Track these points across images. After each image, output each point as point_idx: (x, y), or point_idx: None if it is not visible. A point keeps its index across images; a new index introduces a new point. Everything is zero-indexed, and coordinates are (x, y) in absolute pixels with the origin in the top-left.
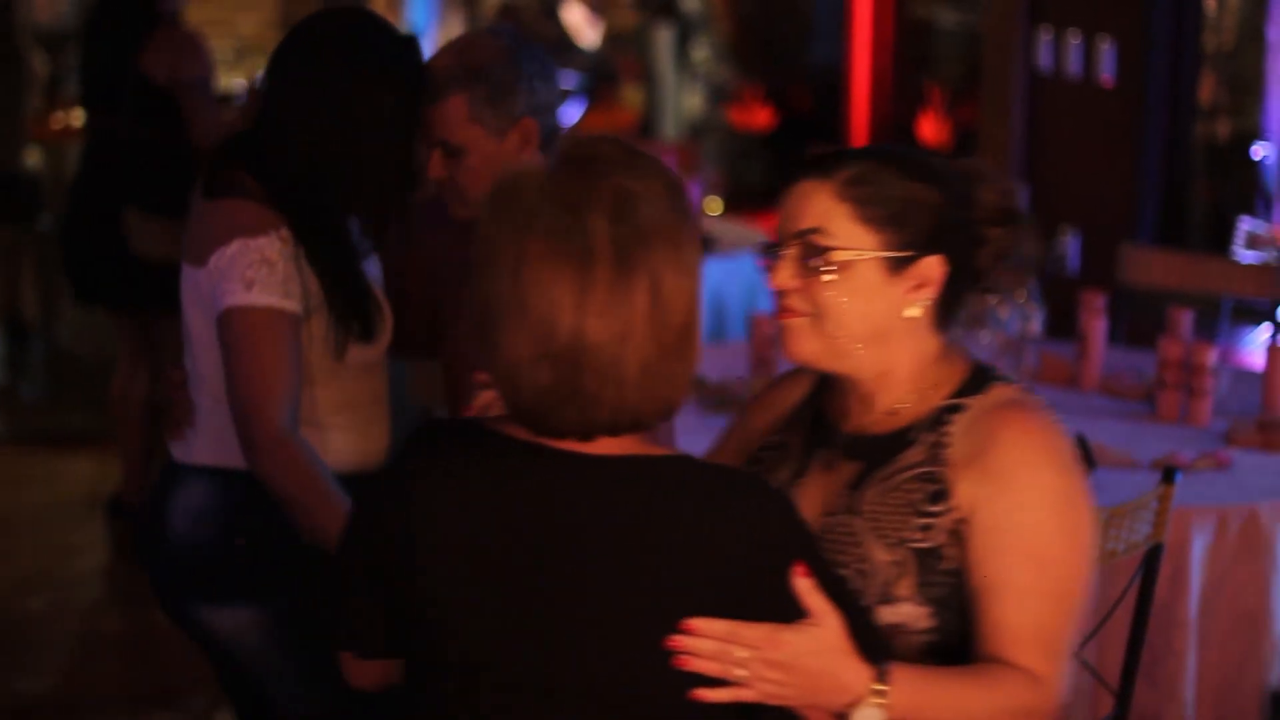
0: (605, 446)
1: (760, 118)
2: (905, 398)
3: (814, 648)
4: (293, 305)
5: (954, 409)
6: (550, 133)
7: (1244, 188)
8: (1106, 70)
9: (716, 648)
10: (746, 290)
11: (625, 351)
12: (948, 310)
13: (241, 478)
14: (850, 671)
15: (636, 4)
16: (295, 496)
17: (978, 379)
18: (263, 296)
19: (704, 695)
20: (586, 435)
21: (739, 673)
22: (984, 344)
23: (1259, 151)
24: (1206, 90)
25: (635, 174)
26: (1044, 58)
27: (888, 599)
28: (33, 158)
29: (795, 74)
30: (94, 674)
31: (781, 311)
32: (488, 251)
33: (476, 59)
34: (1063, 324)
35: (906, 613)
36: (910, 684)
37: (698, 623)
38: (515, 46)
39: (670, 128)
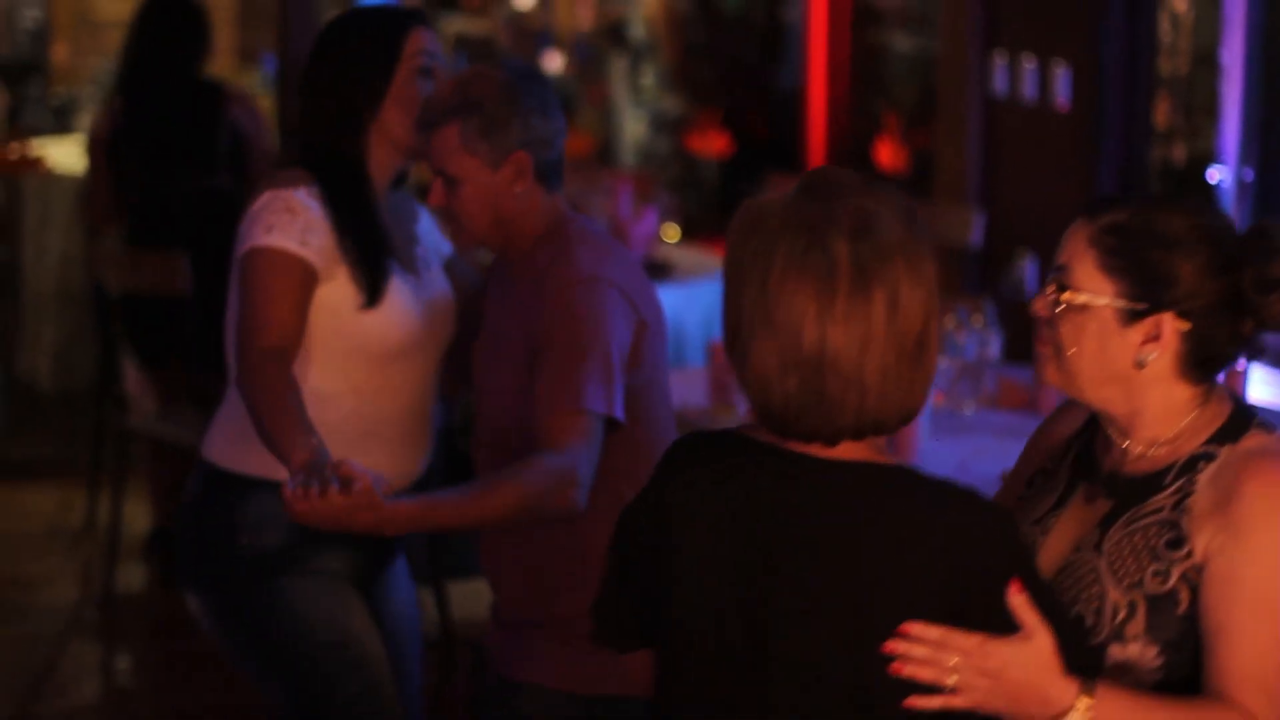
0: (842, 452)
1: (717, 144)
2: (1159, 440)
3: (1023, 661)
4: (309, 254)
5: (1206, 457)
6: (547, 166)
7: None
8: (1061, 94)
9: (929, 653)
10: (704, 318)
11: (866, 359)
12: (1201, 363)
13: (207, 469)
14: (1056, 687)
15: (597, 31)
16: (259, 415)
17: (1235, 425)
18: (279, 239)
19: (917, 703)
20: (832, 439)
21: (950, 680)
22: (941, 369)
23: (1215, 175)
24: (1162, 114)
25: (871, 197)
26: (999, 82)
27: (1119, 638)
28: None
29: (751, 100)
30: (55, 707)
31: (1037, 338)
32: (736, 272)
33: (473, 91)
34: (1020, 348)
35: (1136, 652)
36: (1116, 705)
37: (913, 627)
38: (515, 80)
39: (627, 155)
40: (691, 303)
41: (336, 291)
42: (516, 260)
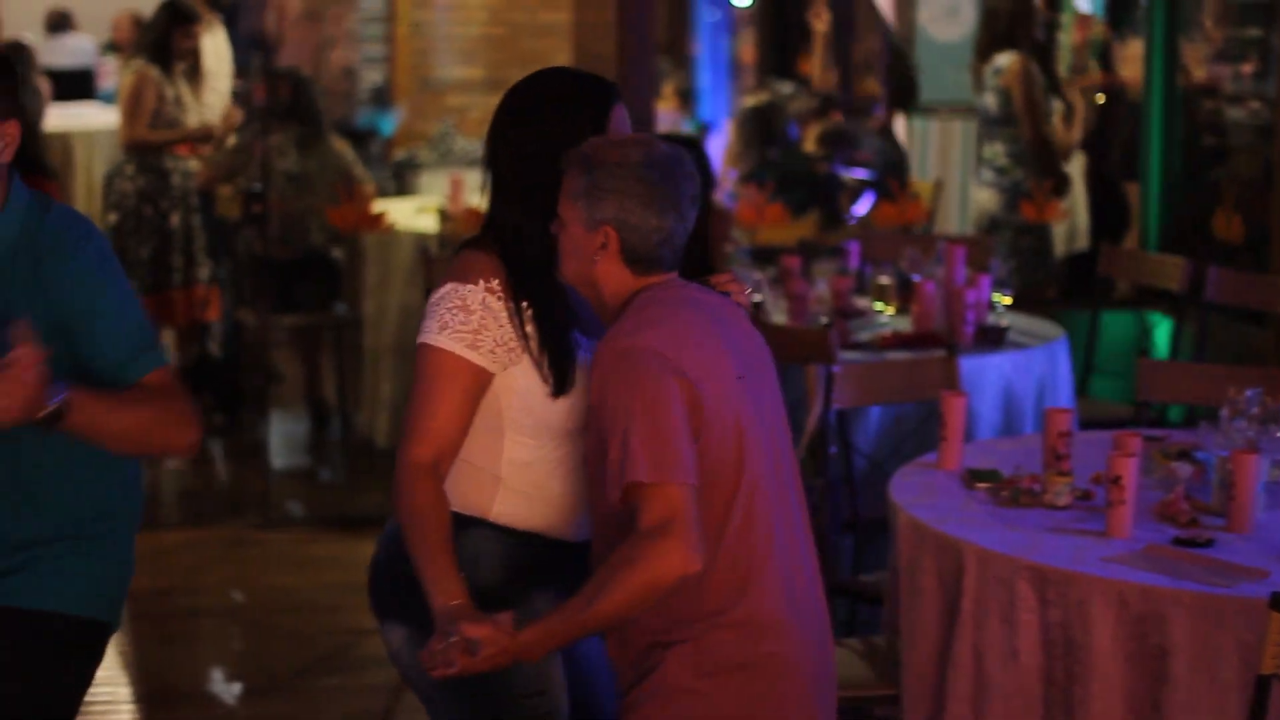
0: None
1: (1052, 213)
2: None
3: None
4: (478, 358)
5: None
6: (636, 252)
7: None
8: None
9: None
10: (1037, 385)
11: None
12: None
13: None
14: None
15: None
16: (408, 538)
17: None
18: (448, 341)
19: None
20: None
21: None
22: (1276, 441)
23: None
24: None
25: None
26: None
27: None
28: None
29: (1088, 169)
30: None
31: None
32: None
33: (601, 153)
34: None
35: None
36: None
37: None
38: (639, 164)
39: (958, 223)
40: (1024, 370)
41: (523, 378)
42: (608, 326)
